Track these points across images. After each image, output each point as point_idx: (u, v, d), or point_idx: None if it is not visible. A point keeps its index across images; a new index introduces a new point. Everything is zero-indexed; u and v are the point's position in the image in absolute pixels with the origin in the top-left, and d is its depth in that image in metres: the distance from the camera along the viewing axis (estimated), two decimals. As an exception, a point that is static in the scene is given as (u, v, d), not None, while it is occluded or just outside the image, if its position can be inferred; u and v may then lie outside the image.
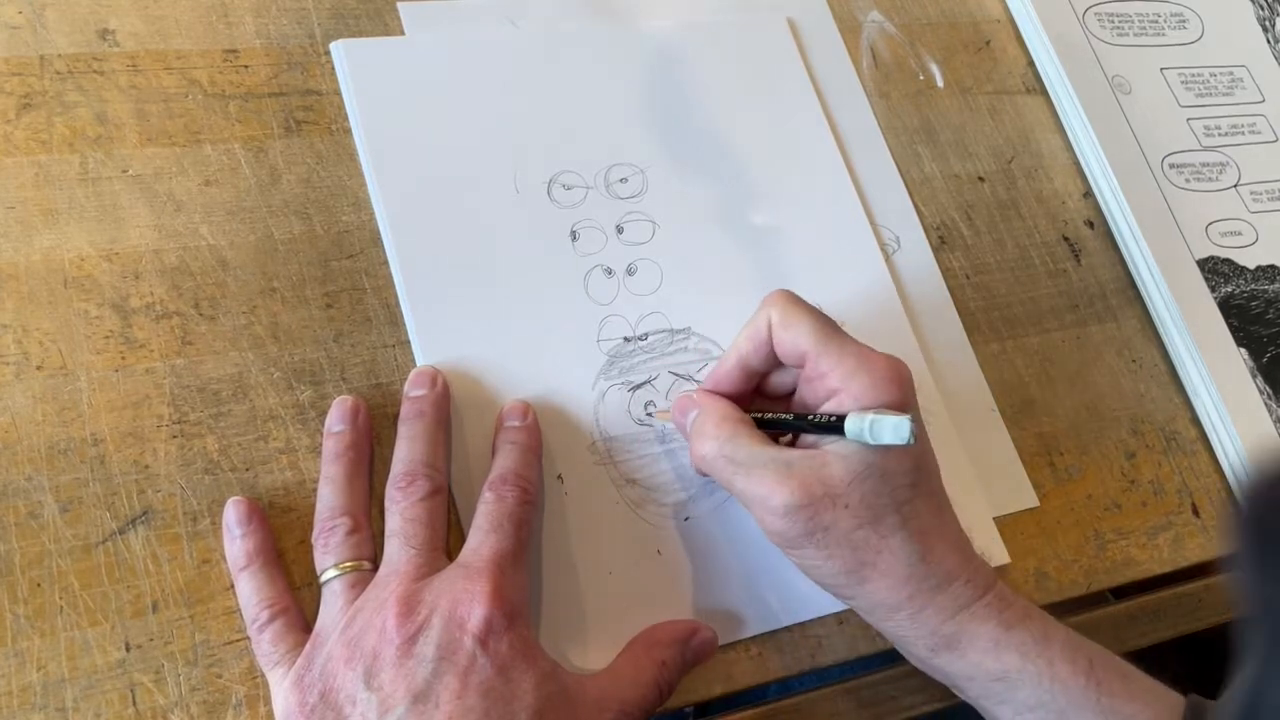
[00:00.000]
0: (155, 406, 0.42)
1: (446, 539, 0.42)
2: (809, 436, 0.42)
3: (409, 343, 0.46)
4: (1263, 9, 0.71)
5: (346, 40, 0.50)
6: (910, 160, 0.58)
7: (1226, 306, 0.59)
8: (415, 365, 0.46)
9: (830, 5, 0.61)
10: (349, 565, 0.40)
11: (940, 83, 0.61)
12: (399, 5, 0.52)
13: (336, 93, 0.50)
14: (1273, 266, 0.61)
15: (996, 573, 0.43)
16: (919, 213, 0.57)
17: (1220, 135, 0.65)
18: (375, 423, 0.44)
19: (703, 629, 0.44)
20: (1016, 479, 0.52)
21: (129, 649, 0.39)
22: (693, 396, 0.45)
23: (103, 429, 0.41)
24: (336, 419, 0.43)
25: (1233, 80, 0.67)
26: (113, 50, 0.47)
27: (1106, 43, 0.65)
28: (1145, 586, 0.53)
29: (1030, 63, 0.64)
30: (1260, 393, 0.57)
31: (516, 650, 0.38)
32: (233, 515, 0.41)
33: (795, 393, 0.44)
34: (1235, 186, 0.63)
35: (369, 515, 0.42)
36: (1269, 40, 0.70)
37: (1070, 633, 0.42)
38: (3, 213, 0.43)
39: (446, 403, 0.45)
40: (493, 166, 0.50)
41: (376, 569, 0.40)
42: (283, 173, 0.47)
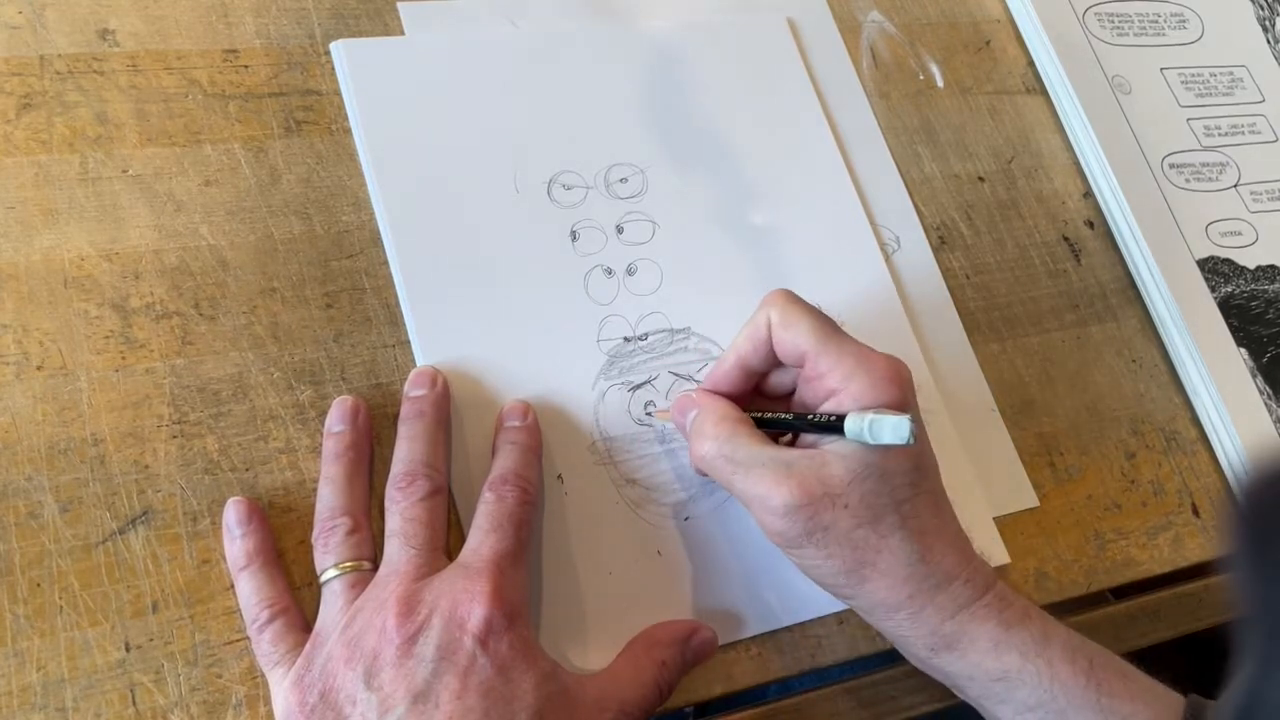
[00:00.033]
0: (155, 406, 0.42)
1: (446, 539, 0.42)
2: (808, 436, 0.42)
3: (409, 343, 0.46)
4: (1263, 9, 0.71)
5: (346, 40, 0.50)
6: (910, 160, 0.58)
7: (1226, 306, 0.59)
8: (415, 365, 0.46)
9: (830, 5, 0.61)
10: (349, 565, 0.40)
11: (940, 83, 0.61)
12: (399, 5, 0.52)
13: (336, 93, 0.50)
14: (1273, 266, 0.61)
15: (996, 573, 0.43)
16: (919, 213, 0.57)
17: (1220, 135, 0.65)
18: (375, 423, 0.44)
19: (703, 629, 0.44)
20: (1016, 479, 0.52)
21: (129, 649, 0.39)
22: (692, 396, 0.45)
23: (103, 429, 0.41)
24: (336, 419, 0.43)
25: (1233, 80, 0.67)
26: (113, 50, 0.47)
27: (1106, 43, 0.65)
28: (1145, 586, 0.53)
29: (1030, 63, 0.64)
30: (1260, 393, 0.57)
31: (516, 650, 0.38)
32: (233, 515, 0.41)
33: (795, 392, 0.44)
34: (1235, 186, 0.63)
35: (369, 515, 0.42)
36: (1269, 40, 0.70)
37: (1070, 633, 0.42)
38: (3, 213, 0.43)
39: (446, 403, 0.45)
40: (493, 166, 0.50)
41: (376, 569, 0.40)
42: (283, 173, 0.47)
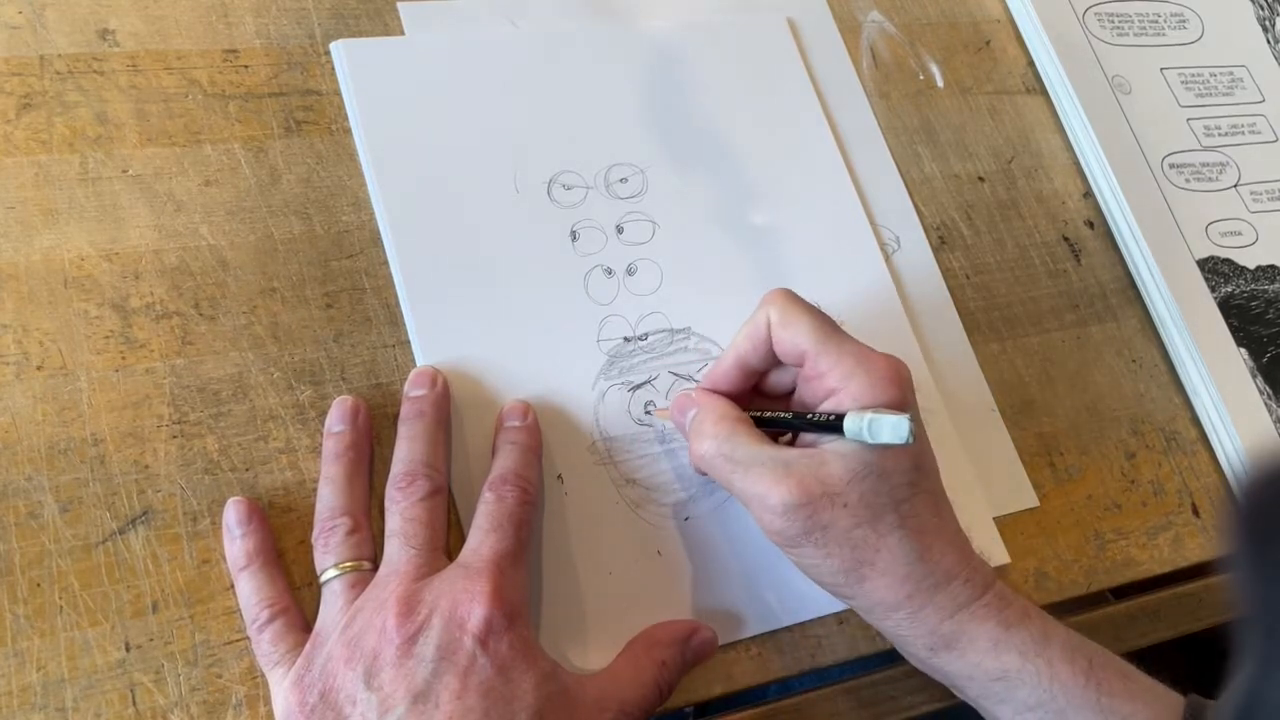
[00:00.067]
0: (155, 406, 0.42)
1: (446, 539, 0.42)
2: (808, 435, 0.42)
3: (409, 343, 0.46)
4: (1263, 9, 0.71)
5: (346, 40, 0.50)
6: (910, 160, 0.58)
7: (1226, 306, 0.59)
8: (415, 365, 0.46)
9: (830, 5, 0.61)
10: (349, 565, 0.40)
11: (940, 83, 0.61)
12: (399, 5, 0.52)
13: (336, 93, 0.50)
14: (1273, 266, 0.61)
15: (996, 572, 0.43)
16: (919, 213, 0.57)
17: (1220, 135, 0.65)
18: (375, 423, 0.44)
19: (703, 629, 0.44)
20: (1016, 479, 0.52)
21: (129, 649, 0.39)
22: (691, 395, 0.45)
23: (103, 429, 0.41)
24: (336, 419, 0.43)
25: (1233, 80, 0.67)
26: (113, 50, 0.47)
27: (1106, 43, 0.65)
28: (1145, 586, 0.53)
29: (1030, 63, 0.64)
30: (1260, 393, 0.57)
31: (516, 650, 0.38)
32: (232, 515, 0.41)
33: (794, 392, 0.44)
34: (1235, 186, 0.63)
35: (369, 515, 0.42)
36: (1269, 40, 0.70)
37: (1070, 632, 0.42)
38: (3, 213, 0.43)
39: (446, 403, 0.45)
40: (493, 166, 0.50)
41: (376, 569, 0.40)
42: (283, 173, 0.47)
